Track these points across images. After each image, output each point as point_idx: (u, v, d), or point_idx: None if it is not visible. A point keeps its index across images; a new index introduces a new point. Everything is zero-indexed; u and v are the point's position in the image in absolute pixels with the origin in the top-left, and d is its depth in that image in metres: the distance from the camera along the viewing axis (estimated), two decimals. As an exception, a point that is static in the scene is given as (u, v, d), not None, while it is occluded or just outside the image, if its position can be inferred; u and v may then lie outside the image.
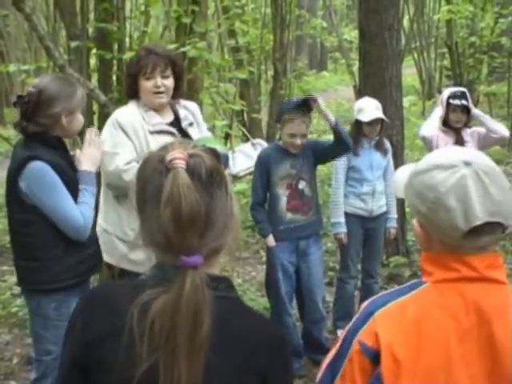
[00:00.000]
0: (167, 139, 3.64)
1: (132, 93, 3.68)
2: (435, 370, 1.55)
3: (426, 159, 1.68)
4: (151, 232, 1.43)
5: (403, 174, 1.78)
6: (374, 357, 1.57)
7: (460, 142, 5.16)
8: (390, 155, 5.07)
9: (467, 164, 1.58)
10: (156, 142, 3.62)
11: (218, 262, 1.49)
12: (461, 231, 1.57)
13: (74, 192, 3.13)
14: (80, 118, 3.23)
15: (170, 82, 3.65)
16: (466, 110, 5.17)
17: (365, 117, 4.79)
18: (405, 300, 1.62)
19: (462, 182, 1.56)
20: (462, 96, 5.16)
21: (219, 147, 3.85)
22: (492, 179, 1.57)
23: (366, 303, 1.69)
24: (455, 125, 5.20)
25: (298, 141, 4.37)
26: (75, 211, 3.08)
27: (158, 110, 3.71)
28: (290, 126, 4.36)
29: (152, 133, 3.62)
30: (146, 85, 3.59)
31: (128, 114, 3.63)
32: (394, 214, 5.14)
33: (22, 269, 3.22)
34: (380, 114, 4.84)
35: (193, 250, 1.38)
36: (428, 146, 5.37)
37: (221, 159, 3.79)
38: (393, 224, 5.14)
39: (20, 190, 3.04)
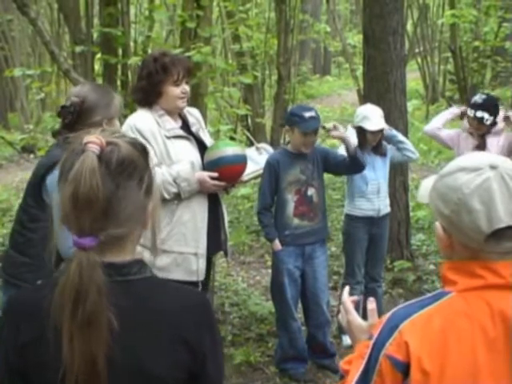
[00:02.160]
0: (185, 144, 3.70)
1: (150, 99, 3.69)
2: (462, 380, 1.53)
3: (451, 163, 1.67)
4: (59, 207, 1.47)
5: (430, 181, 1.77)
6: (405, 370, 1.55)
7: (482, 147, 5.13)
8: (389, 155, 5.04)
9: (493, 167, 1.56)
10: (174, 147, 3.66)
11: (128, 249, 1.52)
12: (483, 234, 1.55)
13: None
14: (118, 125, 3.28)
15: (189, 88, 3.78)
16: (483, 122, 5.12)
17: (371, 126, 4.79)
18: (430, 311, 1.59)
19: (486, 184, 1.55)
20: (481, 106, 5.09)
21: (237, 148, 3.88)
22: None
23: (387, 315, 1.64)
24: (477, 132, 5.18)
25: (312, 138, 4.38)
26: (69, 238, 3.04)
27: (171, 115, 3.74)
28: (303, 125, 4.36)
29: (169, 138, 3.66)
30: (175, 91, 3.66)
31: (144, 120, 3.65)
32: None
33: (10, 258, 3.23)
34: (384, 124, 4.87)
35: (85, 232, 1.42)
36: (438, 139, 5.52)
37: (239, 159, 3.73)
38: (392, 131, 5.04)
39: (44, 186, 3.06)
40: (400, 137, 5.02)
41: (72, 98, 3.16)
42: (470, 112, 5.14)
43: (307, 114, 4.38)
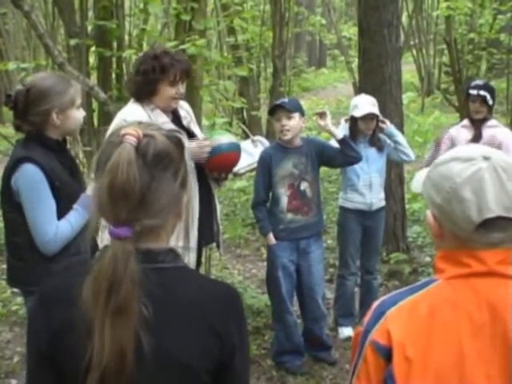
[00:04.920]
0: None
1: (143, 95, 3.67)
2: (447, 368, 1.53)
3: (446, 153, 1.68)
4: (95, 197, 1.49)
5: (423, 172, 1.79)
6: (387, 355, 1.56)
7: (477, 137, 5.14)
8: (386, 150, 5.02)
9: (486, 158, 1.57)
10: None
11: (163, 238, 1.55)
12: (473, 223, 1.56)
13: (65, 198, 3.06)
14: (76, 116, 3.14)
15: (184, 89, 3.77)
16: (485, 101, 5.16)
17: (358, 112, 4.80)
18: (416, 298, 1.61)
19: (478, 175, 1.56)
20: (482, 87, 5.17)
21: (231, 137, 3.90)
22: (510, 175, 1.57)
23: (376, 303, 1.67)
24: (475, 116, 5.20)
25: (284, 121, 4.34)
26: (48, 225, 3.01)
27: (163, 109, 3.73)
28: (277, 113, 4.40)
29: None
30: (169, 91, 3.66)
31: (136, 113, 3.62)
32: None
33: (11, 266, 3.22)
34: (373, 110, 4.83)
35: (121, 222, 1.44)
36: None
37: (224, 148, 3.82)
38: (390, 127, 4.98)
39: (11, 189, 3.02)
40: (399, 137, 4.95)
41: (18, 86, 3.10)
42: (473, 91, 5.15)
43: (279, 101, 4.47)
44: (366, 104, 4.85)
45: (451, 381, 1.53)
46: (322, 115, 4.45)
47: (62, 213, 3.05)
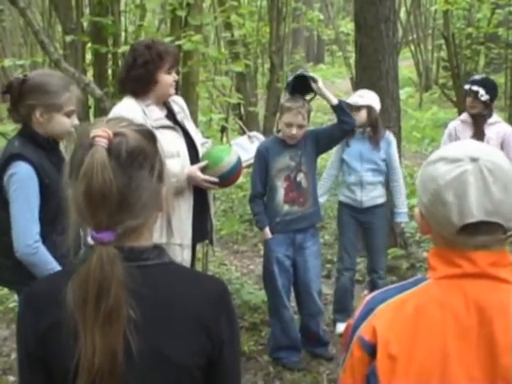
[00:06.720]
0: (171, 134, 3.70)
1: (146, 88, 3.67)
2: (430, 367, 1.52)
3: (437, 151, 1.66)
4: (72, 204, 1.47)
5: None
6: (372, 351, 1.56)
7: (479, 135, 5.12)
8: (391, 149, 4.98)
9: (473, 160, 1.54)
10: (161, 138, 3.63)
11: (146, 235, 1.53)
12: (454, 227, 1.54)
13: (54, 196, 3.00)
14: (62, 122, 3.10)
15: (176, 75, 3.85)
16: (477, 97, 5.14)
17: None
18: (405, 296, 1.60)
19: (462, 178, 1.53)
20: (476, 82, 5.18)
21: (232, 156, 3.87)
22: (496, 178, 1.52)
23: (366, 299, 1.67)
24: (470, 111, 5.21)
25: (294, 130, 4.35)
26: (29, 230, 2.98)
27: (158, 104, 3.75)
28: (287, 115, 4.37)
29: (156, 128, 3.62)
30: (168, 79, 3.69)
31: (131, 109, 3.61)
32: (402, 209, 5.06)
33: (0, 265, 3.20)
34: (356, 100, 4.83)
35: (103, 227, 1.42)
36: None
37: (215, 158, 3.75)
38: (402, 219, 5.08)
39: (2, 186, 3.01)
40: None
41: (18, 74, 3.13)
42: (466, 86, 5.19)
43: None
44: (354, 95, 4.96)
45: (432, 380, 1.52)
46: (314, 80, 4.39)
47: (53, 211, 2.98)
